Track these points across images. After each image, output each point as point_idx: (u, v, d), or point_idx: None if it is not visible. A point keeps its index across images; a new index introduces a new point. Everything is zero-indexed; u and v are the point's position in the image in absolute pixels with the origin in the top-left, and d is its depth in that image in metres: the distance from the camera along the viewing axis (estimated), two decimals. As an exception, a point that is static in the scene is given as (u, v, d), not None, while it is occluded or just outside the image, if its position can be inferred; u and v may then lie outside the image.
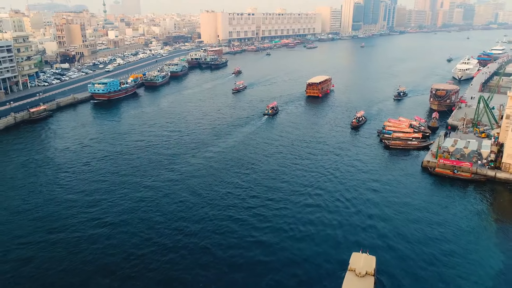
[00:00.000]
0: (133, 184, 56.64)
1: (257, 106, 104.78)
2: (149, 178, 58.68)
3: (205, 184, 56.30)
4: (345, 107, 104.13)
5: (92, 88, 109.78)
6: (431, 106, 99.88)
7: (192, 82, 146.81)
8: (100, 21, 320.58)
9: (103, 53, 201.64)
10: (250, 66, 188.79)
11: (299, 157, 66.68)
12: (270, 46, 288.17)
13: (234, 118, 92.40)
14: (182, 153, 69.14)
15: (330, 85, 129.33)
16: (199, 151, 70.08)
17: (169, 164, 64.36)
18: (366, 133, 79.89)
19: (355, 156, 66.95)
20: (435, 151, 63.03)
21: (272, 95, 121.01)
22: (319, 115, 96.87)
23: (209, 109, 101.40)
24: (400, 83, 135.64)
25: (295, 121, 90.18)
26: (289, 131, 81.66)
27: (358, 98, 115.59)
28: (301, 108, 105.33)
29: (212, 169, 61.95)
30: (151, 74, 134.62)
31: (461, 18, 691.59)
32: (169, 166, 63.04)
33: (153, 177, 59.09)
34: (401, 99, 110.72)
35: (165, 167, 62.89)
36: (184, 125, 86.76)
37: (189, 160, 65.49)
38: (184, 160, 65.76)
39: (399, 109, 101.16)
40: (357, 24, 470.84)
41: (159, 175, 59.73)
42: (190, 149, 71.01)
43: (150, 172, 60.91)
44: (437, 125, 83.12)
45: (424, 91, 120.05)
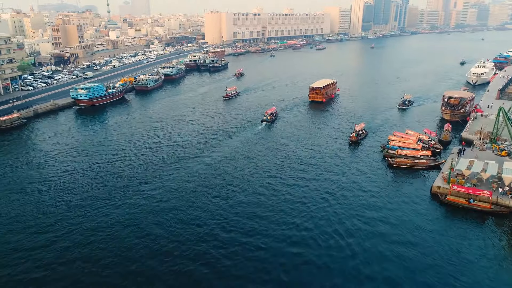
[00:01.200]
0: (88, 213, 48.34)
1: (251, 113, 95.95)
2: (112, 203, 50.36)
3: (170, 215, 47.64)
4: (348, 115, 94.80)
5: (74, 94, 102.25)
6: (443, 116, 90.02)
7: (187, 86, 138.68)
8: (103, 21, 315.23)
9: (100, 54, 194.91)
10: (252, 68, 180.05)
11: (290, 177, 57.70)
12: (275, 47, 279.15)
13: (223, 128, 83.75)
14: (157, 170, 60.77)
15: (335, 89, 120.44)
16: (177, 168, 61.60)
17: (138, 184, 56.04)
18: (368, 148, 70.39)
19: (353, 177, 57.73)
20: (446, 174, 53.53)
21: (272, 100, 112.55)
22: (319, 124, 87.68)
23: (197, 118, 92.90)
24: (410, 88, 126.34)
25: (292, 131, 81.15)
26: (283, 144, 72.71)
27: (362, 105, 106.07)
28: (302, 115, 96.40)
29: (186, 192, 53.35)
30: (142, 77, 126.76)
31: (475, 18, 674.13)
32: (137, 188, 54.68)
33: (116, 201, 50.75)
34: (407, 108, 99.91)
35: (133, 188, 54.54)
36: (166, 136, 78.40)
37: (161, 180, 57.05)
38: (156, 179, 57.34)
39: (406, 119, 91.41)
40: (367, 25, 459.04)
41: (123, 199, 51.35)
42: (167, 165, 62.60)
43: (114, 195, 52.61)
44: (449, 139, 73.35)
45: (435, 98, 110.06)
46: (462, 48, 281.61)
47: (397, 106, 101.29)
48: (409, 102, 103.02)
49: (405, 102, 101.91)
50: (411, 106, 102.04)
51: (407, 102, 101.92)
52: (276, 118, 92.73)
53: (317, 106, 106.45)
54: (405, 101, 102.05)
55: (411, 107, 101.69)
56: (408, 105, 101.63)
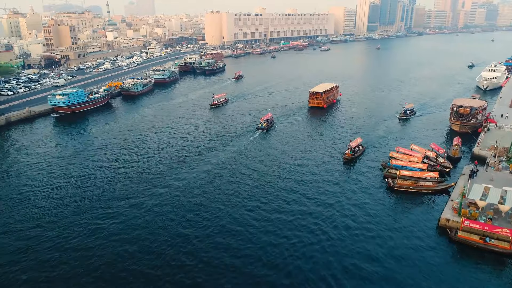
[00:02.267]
0: (32, 256, 40.81)
1: (242, 122, 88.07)
2: (64, 236, 42.82)
3: (121, 259, 39.96)
4: (348, 125, 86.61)
5: (52, 100, 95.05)
6: (452, 127, 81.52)
7: (179, 91, 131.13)
8: (101, 22, 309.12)
9: (94, 56, 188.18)
10: (251, 70, 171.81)
11: (275, 204, 49.73)
12: (277, 49, 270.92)
13: (209, 140, 75.99)
14: (124, 191, 53.12)
15: (337, 94, 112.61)
16: (149, 189, 53.93)
17: (100, 208, 48.52)
18: (365, 167, 61.98)
19: (346, 205, 49.59)
20: (457, 204, 45.33)
21: (268, 106, 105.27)
22: (315, 135, 79.50)
23: (181, 128, 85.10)
24: (415, 94, 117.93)
25: (284, 144, 73.02)
26: (272, 160, 64.66)
27: (364, 112, 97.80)
28: (298, 124, 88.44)
29: (147, 224, 45.53)
30: (129, 82, 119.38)
31: (484, 18, 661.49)
32: (96, 214, 47.06)
33: (68, 235, 43.17)
34: (408, 119, 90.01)
35: (92, 213, 46.95)
36: (144, 149, 70.79)
37: (126, 206, 49.37)
38: (121, 206, 49.69)
39: (411, 130, 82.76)
40: (373, 25, 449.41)
41: (78, 231, 43.79)
42: (138, 185, 54.96)
43: (70, 225, 45.09)
44: (459, 155, 64.97)
45: (443, 106, 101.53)
46: (471, 50, 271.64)
47: (397, 116, 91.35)
48: (411, 111, 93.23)
49: (407, 111, 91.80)
50: (413, 116, 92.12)
51: (408, 112, 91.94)
52: (272, 125, 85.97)
53: (317, 113, 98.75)
54: (406, 111, 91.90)
55: (413, 117, 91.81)
56: (410, 114, 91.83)
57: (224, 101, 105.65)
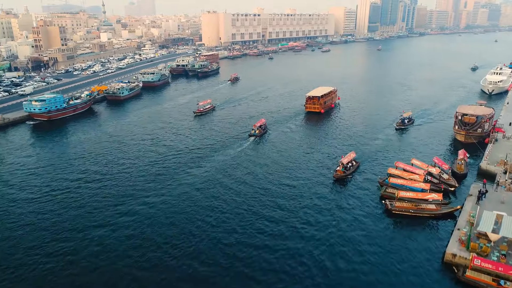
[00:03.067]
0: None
1: (230, 131, 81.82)
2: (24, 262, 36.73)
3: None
4: (344, 134, 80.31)
5: (27, 106, 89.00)
6: (456, 137, 75.09)
7: (168, 95, 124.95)
8: (95, 22, 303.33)
9: (84, 58, 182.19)
10: (247, 73, 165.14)
11: (255, 232, 43.54)
12: (275, 50, 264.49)
13: (191, 151, 69.79)
14: (88, 214, 46.94)
15: (335, 98, 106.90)
16: (115, 211, 47.79)
17: (53, 233, 42.43)
18: (361, 184, 55.54)
19: (337, 231, 43.35)
20: (464, 235, 39.02)
21: (262, 111, 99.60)
22: (309, 145, 73.11)
23: (162, 138, 78.79)
24: (417, 98, 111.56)
25: (272, 156, 66.69)
26: (257, 177, 58.31)
27: (362, 120, 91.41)
28: (292, 131, 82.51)
29: (104, 259, 39.47)
30: (114, 86, 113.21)
31: (486, 18, 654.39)
32: (51, 245, 40.96)
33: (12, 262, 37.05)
34: (406, 129, 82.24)
35: (47, 242, 40.82)
36: (119, 163, 64.58)
37: (87, 234, 43.24)
38: (82, 231, 43.56)
39: (411, 141, 75.94)
40: (374, 26, 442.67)
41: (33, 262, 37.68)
42: (105, 208, 48.81)
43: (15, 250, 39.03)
44: (465, 171, 58.63)
45: (446, 113, 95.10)
46: (474, 51, 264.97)
47: (394, 126, 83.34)
48: (409, 120, 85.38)
49: (404, 120, 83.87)
50: (412, 126, 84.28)
51: (406, 121, 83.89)
52: (266, 131, 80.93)
53: (313, 119, 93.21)
54: (404, 120, 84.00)
55: (412, 126, 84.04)
56: (408, 124, 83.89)
57: (210, 108, 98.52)
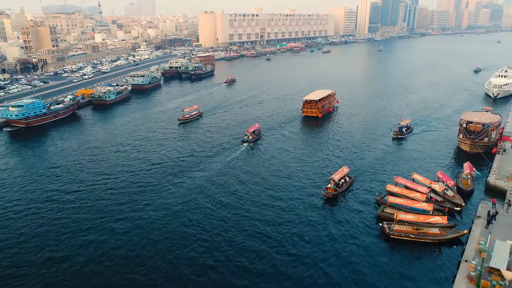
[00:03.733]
0: None
1: (216, 140, 76.53)
2: None
3: None
4: (341, 142, 74.93)
5: (4, 112, 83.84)
6: (461, 146, 69.62)
7: (158, 99, 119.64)
8: (90, 23, 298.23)
9: (75, 59, 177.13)
10: (243, 75, 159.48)
11: (232, 261, 38.28)
12: (273, 51, 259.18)
13: (174, 164, 64.55)
14: (48, 240, 41.72)
15: (333, 101, 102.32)
16: (85, 237, 42.57)
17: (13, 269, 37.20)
18: (354, 203, 50.03)
19: (326, 266, 38.03)
20: (473, 269, 33.65)
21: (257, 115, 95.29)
22: (303, 154, 67.73)
23: (144, 148, 73.62)
24: (418, 103, 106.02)
25: (263, 167, 61.36)
26: (244, 191, 52.88)
27: (360, 126, 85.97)
28: (287, 138, 77.50)
29: None
30: (100, 90, 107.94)
31: (488, 19, 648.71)
32: None
33: None
34: (404, 138, 75.94)
35: None
36: (94, 177, 59.35)
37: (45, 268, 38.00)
38: (39, 263, 38.35)
39: (412, 151, 70.10)
40: (374, 26, 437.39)
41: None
42: (73, 232, 43.57)
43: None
44: (471, 187, 53.21)
45: (449, 119, 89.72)
46: (476, 52, 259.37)
47: (391, 135, 77.44)
48: (408, 128, 79.45)
49: (402, 129, 77.98)
50: (410, 135, 77.94)
51: (404, 129, 78.10)
52: (260, 137, 76.59)
53: (310, 124, 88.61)
54: (401, 128, 78.15)
55: (411, 135, 77.77)
56: (407, 132, 77.97)
57: (197, 114, 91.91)
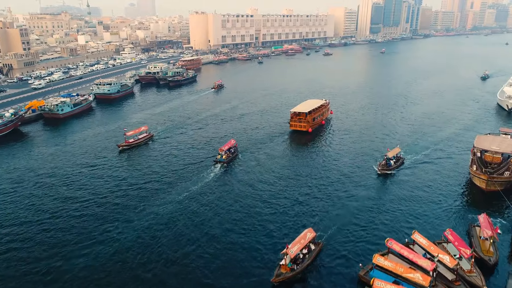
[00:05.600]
0: None
1: (183, 162, 62.08)
2: None
3: None
4: (329, 169, 60.64)
5: None
6: (474, 181, 54.64)
7: (124, 111, 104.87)
8: (75, 24, 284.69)
9: (48, 64, 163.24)
10: (228, 81, 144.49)
11: None
12: (267, 53, 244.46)
13: (115, 204, 50.20)
14: None
15: (327, 112, 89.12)
16: None
17: None
18: (323, 283, 35.60)
19: None
20: None
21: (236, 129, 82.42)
22: (282, 184, 53.68)
23: (78, 178, 59.38)
24: (419, 117, 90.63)
25: (232, 199, 47.18)
26: (187, 255, 38.75)
27: (351, 147, 71.16)
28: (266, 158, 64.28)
29: None
30: (51, 101, 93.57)
31: (493, 19, 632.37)
32: None
33: None
34: (392, 173, 57.48)
35: None
36: (13, 217, 45.20)
37: None
38: None
39: (405, 191, 54.79)
40: (376, 27, 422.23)
41: None
42: None
43: None
44: (495, 258, 37.75)
45: (457, 139, 74.78)
46: (483, 55, 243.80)
47: (376, 170, 58.82)
48: (397, 160, 60.89)
49: (389, 161, 59.26)
50: (398, 170, 58.80)
51: (392, 162, 59.53)
52: (236, 155, 65.33)
53: (298, 140, 75.79)
54: (389, 160, 59.37)
55: (398, 171, 58.45)
56: (396, 166, 59.51)
57: (146, 137, 73.87)
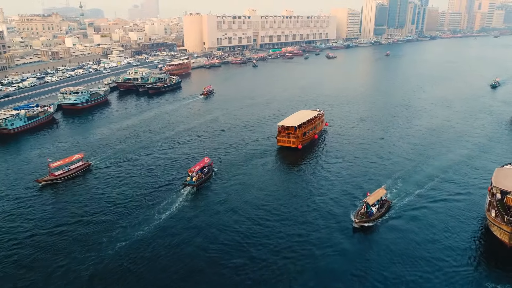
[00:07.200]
0: None
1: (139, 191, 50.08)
2: None
3: None
4: (317, 200, 48.40)
5: None
6: (494, 231, 42.03)
7: (89, 124, 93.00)
8: (65, 26, 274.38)
9: (24, 68, 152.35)
10: (219, 86, 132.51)
11: None
12: (263, 56, 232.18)
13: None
14: None
15: (320, 125, 77.37)
16: None
17: None
18: None
19: None
20: None
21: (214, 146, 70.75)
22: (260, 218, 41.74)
23: None
24: (420, 133, 77.08)
25: (199, 235, 35.37)
26: None
27: (338, 178, 58.77)
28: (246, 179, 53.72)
29: None
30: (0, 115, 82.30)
31: (502, 21, 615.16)
32: None
33: None
34: (374, 226, 42.93)
35: None
36: None
37: None
38: None
39: (398, 253, 42.15)
40: (381, 28, 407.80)
41: None
42: None
43: None
44: None
45: (468, 165, 61.88)
46: (492, 59, 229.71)
47: (353, 223, 43.17)
48: (382, 205, 45.21)
49: (371, 209, 43.60)
50: (383, 219, 44.02)
51: (375, 209, 43.85)
52: (211, 175, 56.64)
53: (286, 158, 65.27)
54: (370, 208, 43.54)
55: (383, 222, 43.63)
56: (379, 214, 43.93)
57: (80, 168, 58.62)
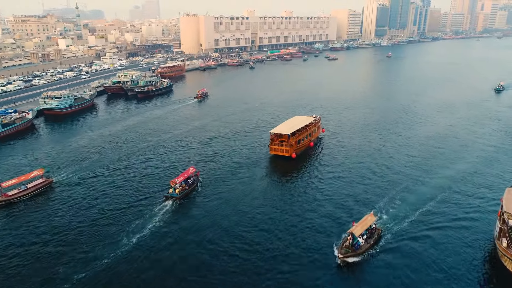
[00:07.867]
0: None
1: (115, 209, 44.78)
2: None
3: None
4: (299, 228, 43.02)
5: None
6: (505, 263, 36.36)
7: (72, 130, 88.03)
8: (60, 27, 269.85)
9: (11, 71, 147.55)
10: (213, 89, 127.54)
11: None
12: (261, 58, 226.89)
13: None
14: None
15: (316, 132, 72.25)
16: None
17: None
18: None
19: None
20: None
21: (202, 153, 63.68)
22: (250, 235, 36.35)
23: None
24: (419, 144, 71.52)
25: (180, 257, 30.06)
26: None
27: (331, 197, 53.39)
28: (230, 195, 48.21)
29: None
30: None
31: (505, 22, 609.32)
32: None
33: None
34: (360, 260, 36.84)
35: None
36: None
37: None
38: None
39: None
40: (382, 30, 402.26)
41: None
42: None
43: None
44: None
45: (473, 180, 56.34)
46: (496, 61, 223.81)
47: (336, 258, 36.74)
48: (371, 235, 39.37)
49: (357, 241, 37.65)
50: (373, 252, 38.08)
51: (362, 241, 38.06)
52: (196, 185, 52.69)
53: (278, 168, 60.76)
54: (356, 240, 37.59)
55: (373, 255, 37.74)
56: (368, 246, 38.12)
57: (40, 186, 51.88)
